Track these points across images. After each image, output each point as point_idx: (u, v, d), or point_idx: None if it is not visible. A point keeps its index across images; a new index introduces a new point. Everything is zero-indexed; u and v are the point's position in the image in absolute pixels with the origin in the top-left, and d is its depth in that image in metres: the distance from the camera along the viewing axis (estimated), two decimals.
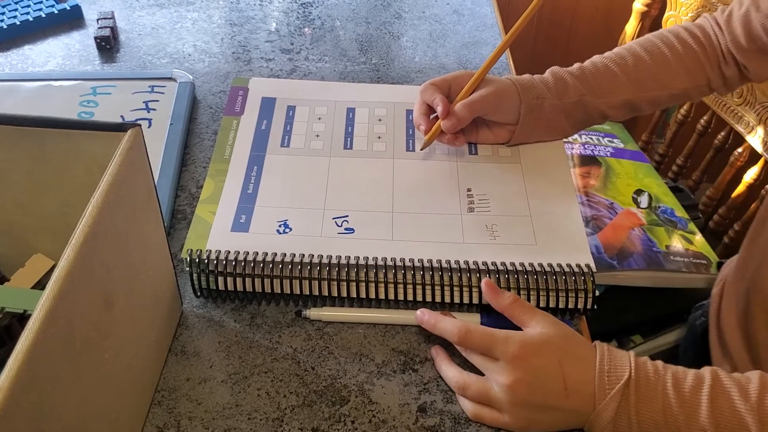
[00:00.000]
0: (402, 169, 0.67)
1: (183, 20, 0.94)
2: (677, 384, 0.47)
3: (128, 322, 0.45)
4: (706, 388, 0.47)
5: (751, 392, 0.46)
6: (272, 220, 0.60)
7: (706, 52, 0.69)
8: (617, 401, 0.47)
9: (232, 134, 0.69)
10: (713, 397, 0.47)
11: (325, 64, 0.87)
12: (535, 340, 0.50)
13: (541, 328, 0.51)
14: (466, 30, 0.95)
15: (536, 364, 0.49)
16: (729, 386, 0.47)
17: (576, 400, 0.48)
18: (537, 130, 0.68)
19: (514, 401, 0.49)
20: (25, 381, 0.31)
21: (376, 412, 0.51)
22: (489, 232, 0.60)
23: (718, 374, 0.48)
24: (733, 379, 0.48)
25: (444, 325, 0.53)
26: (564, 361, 0.49)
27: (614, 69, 0.68)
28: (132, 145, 0.43)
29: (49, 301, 0.34)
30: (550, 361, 0.49)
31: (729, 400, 0.46)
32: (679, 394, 0.47)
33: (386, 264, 0.56)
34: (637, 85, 0.69)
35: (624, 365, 0.48)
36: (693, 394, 0.47)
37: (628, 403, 0.47)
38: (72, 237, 0.36)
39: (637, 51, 0.69)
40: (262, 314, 0.58)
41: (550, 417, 0.49)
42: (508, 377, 0.48)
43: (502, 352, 0.49)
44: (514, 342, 0.49)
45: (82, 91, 0.77)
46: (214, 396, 0.51)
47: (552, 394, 0.48)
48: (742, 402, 0.46)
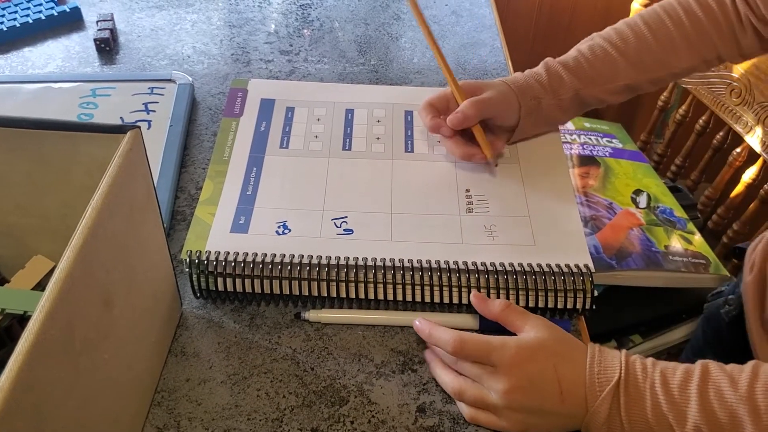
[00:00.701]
0: (401, 170, 0.67)
1: (182, 22, 0.94)
2: (665, 382, 0.47)
3: (128, 323, 0.45)
4: (694, 383, 0.46)
5: (741, 381, 0.45)
6: (271, 221, 0.60)
7: (716, 22, 0.66)
8: (608, 403, 0.47)
9: (231, 136, 0.70)
10: (702, 391, 0.46)
11: (324, 66, 0.87)
12: (531, 345, 0.50)
13: (535, 333, 0.50)
14: (465, 31, 0.95)
15: (532, 369, 0.49)
16: (719, 378, 0.46)
17: (571, 404, 0.48)
18: (535, 128, 0.68)
19: (510, 407, 0.48)
20: (25, 382, 0.32)
21: (375, 412, 0.51)
22: (488, 232, 0.61)
23: (709, 367, 0.47)
24: (725, 370, 0.47)
25: (439, 335, 0.52)
26: (559, 365, 0.49)
27: (614, 54, 0.66)
28: (131, 147, 0.43)
29: (49, 302, 0.34)
30: (546, 365, 0.49)
31: (718, 393, 0.45)
32: (667, 392, 0.46)
33: (385, 265, 0.56)
34: (638, 69, 0.67)
35: (614, 366, 0.48)
36: (681, 391, 0.46)
37: (618, 404, 0.47)
38: (72, 239, 0.37)
39: (640, 29, 0.67)
40: (262, 315, 0.58)
41: (546, 420, 0.49)
42: (505, 384, 0.48)
43: (499, 359, 0.49)
44: (510, 348, 0.49)
45: (81, 93, 0.77)
46: (214, 396, 0.52)
47: (548, 399, 0.48)
48: (731, 392, 0.45)
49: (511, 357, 0.49)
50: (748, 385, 0.45)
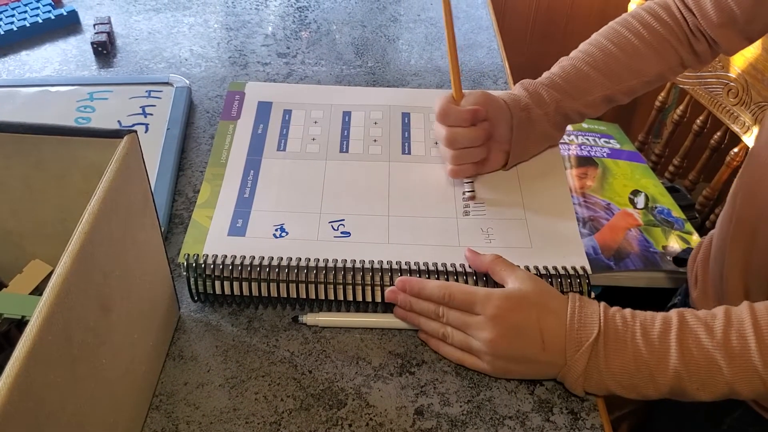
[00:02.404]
0: (398, 173, 0.67)
1: (179, 25, 0.94)
2: (645, 332, 0.49)
3: (125, 327, 0.45)
4: (673, 331, 0.49)
5: (717, 329, 0.48)
6: (269, 224, 0.60)
7: (672, 32, 0.68)
8: (587, 357, 0.49)
9: (228, 139, 0.70)
10: (681, 339, 0.48)
11: (322, 68, 0.87)
12: (515, 296, 0.52)
13: (519, 284, 0.53)
14: (462, 32, 0.95)
15: (515, 319, 0.51)
16: (695, 326, 0.49)
17: (552, 352, 0.51)
18: (529, 142, 0.67)
19: (494, 354, 0.51)
20: (23, 387, 0.32)
21: (374, 415, 0.51)
22: (485, 235, 0.61)
23: (685, 316, 0.50)
24: (699, 318, 0.49)
25: (425, 284, 0.54)
26: (542, 315, 0.51)
27: (585, 69, 0.68)
28: (128, 151, 0.43)
29: (46, 307, 0.34)
30: (528, 315, 0.51)
31: (696, 340, 0.48)
32: (647, 341, 0.49)
33: (382, 267, 0.57)
34: (612, 79, 0.68)
35: (593, 322, 0.50)
36: (662, 339, 0.49)
37: (597, 357, 0.49)
38: (68, 244, 0.37)
39: (603, 44, 0.69)
40: (259, 318, 0.58)
41: (527, 367, 0.52)
42: (489, 333, 0.51)
43: (483, 308, 0.51)
44: (495, 298, 0.52)
45: (79, 97, 0.77)
46: (212, 400, 0.52)
47: (530, 348, 0.51)
48: (708, 339, 0.48)
49: (495, 307, 0.51)
50: (723, 332, 0.48)
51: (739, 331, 0.47)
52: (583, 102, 0.68)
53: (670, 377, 0.48)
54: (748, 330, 0.47)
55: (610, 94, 0.69)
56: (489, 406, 0.52)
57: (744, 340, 0.47)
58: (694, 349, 0.48)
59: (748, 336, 0.47)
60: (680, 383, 0.48)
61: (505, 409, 0.52)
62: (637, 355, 0.49)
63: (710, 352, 0.47)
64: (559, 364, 0.51)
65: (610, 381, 0.50)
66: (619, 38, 0.69)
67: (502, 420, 0.51)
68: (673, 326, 0.49)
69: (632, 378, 0.49)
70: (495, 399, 0.53)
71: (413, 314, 0.55)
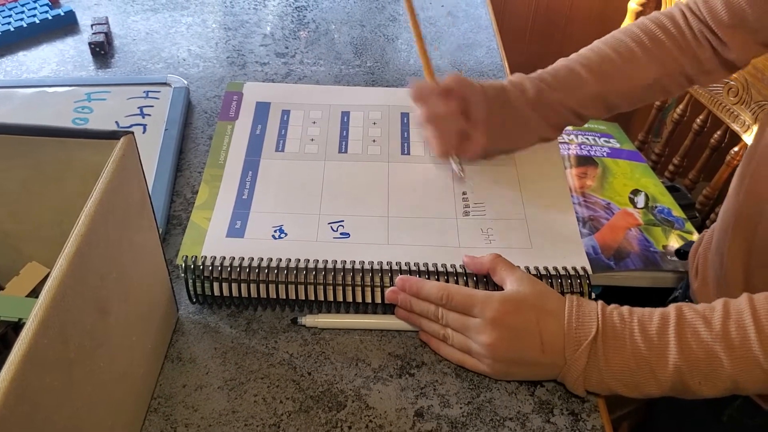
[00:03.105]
0: (397, 173, 0.66)
1: (177, 25, 0.94)
2: (643, 328, 0.49)
3: (123, 329, 0.45)
4: (672, 326, 0.48)
5: (715, 321, 0.48)
6: (267, 226, 0.60)
7: (674, 38, 0.68)
8: (586, 356, 0.49)
9: (226, 139, 0.69)
10: (680, 333, 0.48)
11: (320, 68, 0.87)
12: (514, 299, 0.52)
13: (518, 287, 0.53)
14: (461, 32, 0.95)
15: (514, 322, 0.51)
16: (693, 320, 0.49)
17: (551, 354, 0.51)
18: (508, 125, 0.65)
19: (493, 357, 0.51)
20: (19, 391, 0.31)
21: (373, 417, 0.51)
22: (484, 235, 0.60)
23: (683, 310, 0.49)
24: (697, 311, 0.49)
25: (423, 285, 0.54)
26: (541, 318, 0.51)
27: (575, 67, 0.67)
28: (125, 152, 0.43)
29: (42, 310, 0.34)
30: (527, 318, 0.51)
31: (695, 334, 0.48)
32: (646, 337, 0.49)
33: (382, 268, 0.56)
34: (602, 79, 0.67)
35: (591, 321, 0.50)
36: (660, 335, 0.48)
37: (596, 356, 0.49)
38: (65, 246, 0.36)
39: (600, 48, 0.69)
40: (258, 320, 0.57)
41: (527, 369, 0.52)
42: (488, 336, 0.51)
43: (481, 311, 0.51)
44: (494, 301, 0.51)
45: (76, 98, 0.77)
46: (211, 402, 0.51)
47: (529, 350, 0.51)
48: (707, 332, 0.48)
49: (494, 311, 0.51)
50: (721, 324, 0.48)
51: (738, 322, 0.47)
52: (574, 98, 0.67)
53: (670, 373, 0.48)
54: (748, 320, 0.47)
55: (602, 93, 0.68)
56: (489, 408, 0.52)
57: (743, 331, 0.47)
58: (693, 343, 0.48)
59: (748, 326, 0.47)
60: (682, 378, 0.48)
61: (506, 410, 0.52)
62: (636, 352, 0.49)
63: (709, 345, 0.47)
64: (559, 365, 0.51)
65: (611, 379, 0.49)
66: (617, 43, 0.69)
67: (503, 421, 0.51)
68: (671, 321, 0.49)
69: (633, 375, 0.49)
70: (495, 400, 0.52)
71: (414, 315, 0.55)
